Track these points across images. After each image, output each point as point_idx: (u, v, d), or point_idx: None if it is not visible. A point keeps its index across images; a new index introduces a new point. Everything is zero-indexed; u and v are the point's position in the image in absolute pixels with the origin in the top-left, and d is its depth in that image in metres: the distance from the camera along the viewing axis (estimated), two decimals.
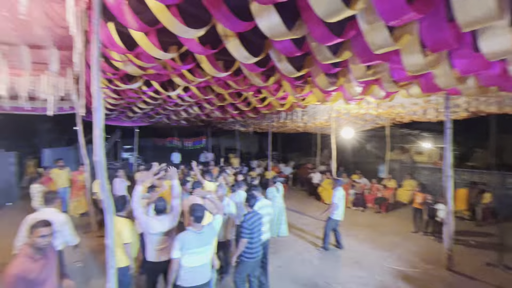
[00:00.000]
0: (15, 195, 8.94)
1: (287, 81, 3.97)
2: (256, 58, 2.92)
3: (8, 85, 4.81)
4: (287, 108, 6.44)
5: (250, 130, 14.14)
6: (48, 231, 1.92)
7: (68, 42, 3.50)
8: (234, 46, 2.64)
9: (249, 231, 3.22)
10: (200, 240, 2.55)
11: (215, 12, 2.17)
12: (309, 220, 7.41)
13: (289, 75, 3.27)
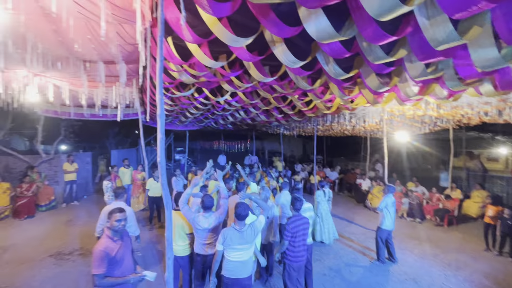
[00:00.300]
0: (90, 189, 10.44)
1: (334, 83, 3.85)
2: (302, 62, 2.93)
3: (87, 96, 5.68)
4: (334, 110, 6.22)
5: (294, 133, 14.00)
6: (122, 216, 2.28)
7: (135, 57, 3.99)
8: (281, 51, 2.69)
9: (291, 234, 3.21)
10: (242, 238, 2.69)
11: (263, 20, 2.25)
12: (357, 229, 6.99)
13: (337, 77, 3.18)
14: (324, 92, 5.05)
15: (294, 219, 3.31)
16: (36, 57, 3.38)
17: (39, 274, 4.26)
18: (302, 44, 3.00)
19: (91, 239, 5.79)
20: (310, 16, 2.10)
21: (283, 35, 2.39)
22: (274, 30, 2.29)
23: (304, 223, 3.36)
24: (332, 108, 5.95)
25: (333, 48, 2.56)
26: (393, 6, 1.57)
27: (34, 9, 2.37)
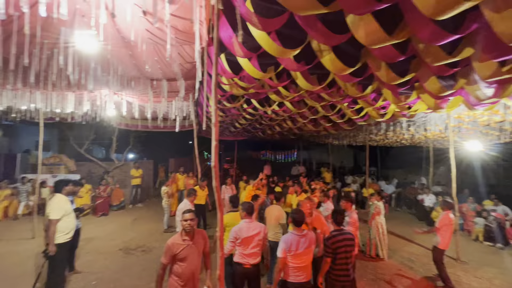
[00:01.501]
0: (151, 194, 11.63)
1: (388, 89, 3.64)
2: (352, 69, 2.87)
3: (152, 110, 6.47)
4: (388, 118, 5.80)
5: (344, 143, 13.38)
6: (190, 217, 2.53)
7: (192, 73, 4.43)
8: (329, 59, 2.70)
9: (332, 250, 2.93)
10: (303, 243, 2.72)
11: (310, 30, 2.31)
12: (418, 249, 6.24)
13: (391, 82, 3.01)
14: (376, 98, 4.78)
15: (335, 234, 3.03)
16: (116, 79, 4.05)
17: (112, 264, 4.90)
18: (351, 51, 2.95)
19: (152, 237, 6.43)
20: (359, 22, 2.08)
21: (331, 43, 2.41)
22: (321, 39, 2.33)
23: (347, 238, 3.02)
24: (386, 115, 5.57)
25: (385, 52, 2.46)
26: (452, 4, 1.47)
27: (117, 39, 2.88)
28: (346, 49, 2.93)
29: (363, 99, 4.54)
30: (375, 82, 3.68)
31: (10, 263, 4.83)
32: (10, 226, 7.16)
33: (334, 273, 2.98)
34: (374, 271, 4.92)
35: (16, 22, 2.57)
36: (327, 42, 2.38)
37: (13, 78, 3.77)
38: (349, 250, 2.99)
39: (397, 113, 5.46)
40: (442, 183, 11.27)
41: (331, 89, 4.15)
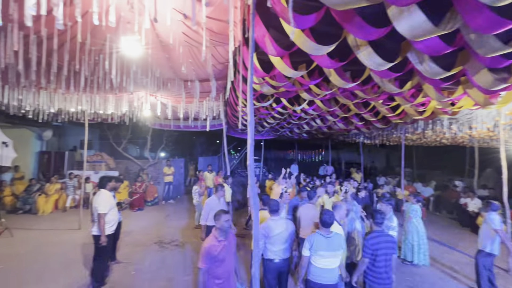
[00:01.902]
0: (182, 191, 12.10)
1: (430, 84, 3.40)
2: (390, 64, 2.73)
3: (184, 110, 6.72)
4: (428, 115, 5.42)
5: (376, 142, 12.77)
6: (227, 218, 2.57)
7: (223, 74, 4.53)
8: (366, 54, 2.59)
9: (371, 251, 2.87)
10: (328, 244, 2.66)
11: (347, 25, 2.24)
12: (462, 257, 5.76)
13: (434, 76, 2.81)
14: (415, 95, 4.49)
15: (376, 235, 2.96)
16: (153, 81, 4.27)
17: (148, 256, 5.19)
18: (390, 45, 2.81)
19: (184, 233, 6.69)
20: (402, 14, 1.96)
21: (370, 37, 2.30)
22: (359, 34, 2.24)
23: (388, 241, 2.94)
24: (425, 113, 5.21)
25: (429, 45, 2.30)
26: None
27: (156, 43, 3.03)
28: (384, 43, 2.79)
29: (401, 95, 4.29)
30: (415, 77, 3.47)
31: (61, 251, 5.33)
32: (59, 218, 7.91)
33: (373, 275, 2.90)
34: (411, 278, 4.64)
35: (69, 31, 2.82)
36: (366, 37, 2.29)
37: (65, 83, 4.14)
38: (389, 253, 2.90)
39: (437, 110, 5.09)
40: (488, 186, 10.28)
41: (365, 86, 3.99)
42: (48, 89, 5.26)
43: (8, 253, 5.16)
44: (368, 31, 2.17)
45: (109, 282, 4.09)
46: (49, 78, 4.04)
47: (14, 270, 4.47)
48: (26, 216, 7.95)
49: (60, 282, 4.11)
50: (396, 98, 4.60)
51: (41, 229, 6.74)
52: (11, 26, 2.63)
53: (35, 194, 8.34)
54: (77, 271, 4.50)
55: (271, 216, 3.22)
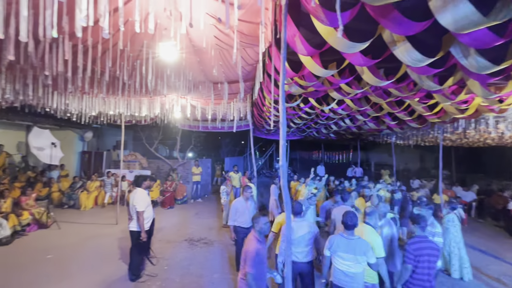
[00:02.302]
0: (209, 190, 12.42)
1: (475, 80, 3.14)
2: (430, 59, 2.56)
3: (212, 111, 6.89)
4: (470, 114, 5.01)
5: (410, 143, 12.06)
6: (267, 220, 2.64)
7: (251, 75, 4.57)
8: (403, 50, 2.46)
9: (414, 257, 2.75)
10: (348, 246, 2.61)
11: (384, 21, 2.15)
12: (511, 269, 5.23)
13: (481, 71, 2.59)
14: (456, 92, 4.17)
15: (418, 240, 2.83)
16: (184, 84, 4.44)
17: (179, 252, 5.39)
18: (430, 39, 2.64)
19: (212, 231, 6.86)
20: (446, 5, 1.84)
21: (409, 32, 2.19)
22: (398, 29, 2.13)
23: (431, 247, 2.80)
24: (468, 111, 4.82)
25: (476, 37, 2.12)
26: None
27: (189, 47, 3.15)
28: (424, 37, 2.63)
29: (440, 93, 4.01)
30: (457, 73, 3.22)
31: (101, 244, 5.74)
32: (99, 213, 8.52)
33: (414, 283, 2.76)
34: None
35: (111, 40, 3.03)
36: (405, 32, 2.17)
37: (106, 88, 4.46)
38: (432, 260, 2.75)
39: (482, 107, 4.69)
40: None
41: (400, 84, 3.79)
42: (91, 94, 5.70)
43: (57, 244, 5.68)
44: (408, 25, 2.06)
45: (144, 275, 4.32)
46: (92, 84, 4.38)
47: (62, 260, 4.91)
48: (70, 210, 8.68)
49: (101, 272, 4.43)
50: (435, 96, 4.32)
51: (83, 223, 7.32)
52: (63, 37, 2.89)
53: (78, 190, 9.08)
54: (115, 263, 4.82)
55: (294, 218, 3.22)
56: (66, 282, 4.12)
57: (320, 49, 2.84)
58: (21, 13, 1.98)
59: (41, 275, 4.27)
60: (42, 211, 6.72)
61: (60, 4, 2.13)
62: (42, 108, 6.47)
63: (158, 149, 13.93)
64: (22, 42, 2.84)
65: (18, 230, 6.02)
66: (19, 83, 4.60)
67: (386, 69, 3.71)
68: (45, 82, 4.25)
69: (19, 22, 1.98)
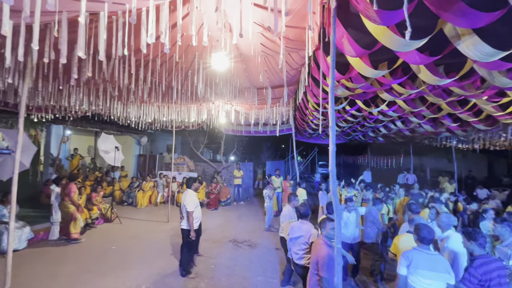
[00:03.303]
0: (251, 193, 12.64)
1: None
2: (504, 52, 2.26)
3: (255, 116, 7.04)
4: None
5: (476, 147, 10.64)
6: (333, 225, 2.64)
7: (295, 79, 4.57)
8: (470, 44, 2.22)
9: (478, 281, 2.29)
10: (432, 262, 2.29)
11: (446, 14, 1.97)
12: None
13: None
14: None
15: (484, 261, 2.36)
16: (231, 90, 4.64)
17: (224, 252, 5.60)
18: (503, 30, 2.34)
19: (255, 234, 6.96)
20: None
21: (477, 25, 1.97)
22: (464, 22, 1.94)
23: (499, 268, 2.35)
24: None
25: None
26: None
27: (237, 56, 3.30)
28: (495, 29, 2.33)
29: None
30: None
31: (155, 239, 6.28)
32: (153, 211, 9.32)
33: None
34: None
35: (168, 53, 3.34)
36: (472, 24, 1.96)
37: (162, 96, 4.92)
38: (503, 283, 2.30)
39: None
40: None
41: (464, 81, 3.40)
42: (148, 103, 6.32)
43: (119, 236, 6.37)
44: (476, 17, 1.86)
45: (193, 272, 4.59)
46: (150, 94, 4.86)
47: (124, 251, 5.49)
48: (129, 207, 9.66)
49: (156, 265, 4.84)
50: (509, 93, 3.76)
51: (140, 219, 8.08)
52: (129, 54, 3.28)
53: (135, 189, 10.08)
54: (168, 258, 5.21)
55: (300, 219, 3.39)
56: (129, 271, 4.59)
57: (370, 50, 2.72)
58: (100, 36, 2.31)
59: (108, 264, 4.84)
60: (107, 207, 7.62)
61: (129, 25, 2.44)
62: (108, 116, 7.39)
63: (203, 153, 14.71)
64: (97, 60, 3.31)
65: (89, 222, 6.93)
66: (92, 95, 5.34)
67: (447, 65, 3.37)
68: (112, 93, 4.85)
69: (99, 44, 2.32)
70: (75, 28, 2.47)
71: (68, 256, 5.16)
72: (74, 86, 4.86)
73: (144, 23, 2.27)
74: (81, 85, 4.76)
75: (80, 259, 5.04)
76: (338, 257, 2.02)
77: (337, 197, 2.07)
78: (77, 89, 5.01)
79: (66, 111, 6.62)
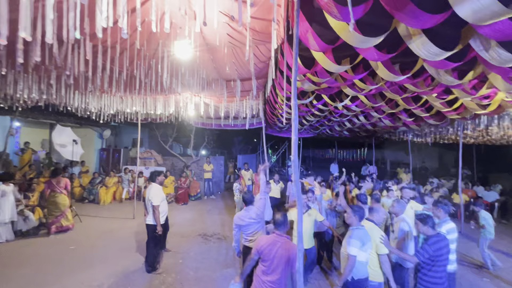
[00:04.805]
0: (222, 187, 12.58)
1: (497, 73, 3.01)
2: (448, 52, 2.49)
3: (225, 109, 6.97)
4: (493, 110, 4.80)
5: (428, 140, 11.67)
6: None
7: (264, 72, 4.59)
8: (420, 44, 2.41)
9: (429, 255, 2.70)
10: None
11: (399, 14, 2.11)
12: None
13: (504, 64, 2.48)
14: (477, 86, 4.02)
15: (436, 240, 2.75)
16: (198, 82, 4.53)
17: (193, 247, 5.53)
18: (448, 32, 2.57)
19: (225, 227, 6.97)
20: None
21: (425, 25, 2.13)
22: (413, 22, 2.09)
23: (447, 245, 2.79)
24: (490, 106, 4.62)
25: (498, 29, 2.04)
26: None
27: (202, 45, 3.22)
28: (441, 30, 2.56)
29: (460, 87, 3.88)
30: (478, 66, 3.11)
31: (120, 237, 5.99)
32: (117, 208, 8.85)
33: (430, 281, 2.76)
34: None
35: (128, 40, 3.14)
36: (421, 25, 2.12)
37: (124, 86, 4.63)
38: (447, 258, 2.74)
39: (506, 103, 4.49)
40: None
41: (417, 79, 3.69)
42: (109, 93, 5.92)
43: (79, 236, 5.97)
44: (424, 18, 2.02)
45: (160, 268, 4.47)
46: (111, 83, 4.55)
47: (84, 251, 5.16)
48: (91, 205, 9.07)
49: (120, 264, 4.63)
50: (454, 91, 4.17)
51: (103, 217, 7.63)
52: (84, 38, 3.03)
53: (97, 186, 9.47)
54: (133, 255, 5.01)
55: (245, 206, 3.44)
56: (89, 271, 4.34)
57: (333, 45, 2.82)
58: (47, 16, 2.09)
59: (66, 265, 4.52)
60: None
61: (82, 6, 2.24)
62: (64, 107, 6.79)
63: (173, 146, 14.24)
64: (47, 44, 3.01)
65: (43, 222, 6.38)
66: (44, 83, 4.85)
67: (402, 64, 3.63)
68: (67, 81, 4.46)
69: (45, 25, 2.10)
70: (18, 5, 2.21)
71: (22, 259, 4.72)
72: (21, 71, 4.37)
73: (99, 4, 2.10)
74: (30, 71, 4.30)
75: (35, 261, 4.64)
76: (299, 243, 2.10)
77: (299, 187, 2.14)
78: (25, 75, 4.52)
79: (13, 100, 5.95)
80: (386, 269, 2.82)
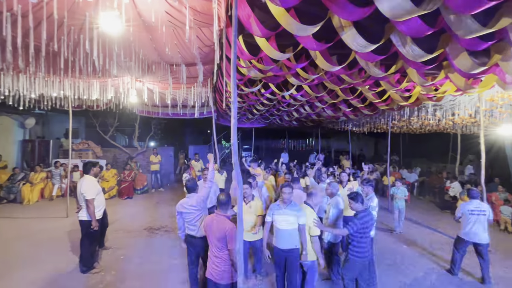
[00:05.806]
0: (172, 179, 12.06)
1: (413, 68, 3.46)
2: (374, 45, 2.75)
3: (172, 96, 6.60)
4: (413, 102, 5.54)
5: (364, 130, 12.99)
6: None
7: (210, 57, 4.45)
8: (350, 36, 2.60)
9: (357, 228, 3.07)
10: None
11: (331, 5, 2.23)
12: (441, 237, 6.06)
13: (417, 59, 2.86)
14: (400, 80, 4.57)
15: (363, 215, 3.15)
16: (137, 64, 4.16)
17: (137, 242, 5.21)
18: (374, 26, 2.83)
19: (173, 219, 6.69)
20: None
21: (353, 17, 2.31)
22: (343, 14, 2.24)
23: (372, 219, 3.27)
24: (410, 98, 5.32)
25: (411, 26, 2.33)
26: None
27: (137, 21, 2.94)
28: (369, 25, 2.81)
29: (386, 80, 4.35)
30: (399, 61, 3.51)
31: (49, 238, 5.29)
32: (46, 207, 7.79)
33: (359, 251, 3.14)
34: (393, 256, 4.87)
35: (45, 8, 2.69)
36: (349, 17, 2.29)
37: (45, 66, 3.99)
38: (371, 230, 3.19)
39: (422, 96, 5.20)
40: (467, 172, 10.71)
41: (351, 70, 4.02)
42: (28, 73, 5.05)
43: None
44: (351, 10, 2.17)
45: (98, 267, 4.11)
46: (27, 61, 3.88)
47: (2, 255, 4.43)
48: (11, 205, 7.79)
49: (49, 266, 4.10)
50: (382, 83, 4.67)
51: (27, 218, 6.64)
52: None
53: (19, 183, 8.15)
54: (66, 256, 4.50)
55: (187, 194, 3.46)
56: (8, 276, 3.74)
57: (274, 31, 2.86)
58: None
59: None
60: None
61: None
62: None
63: (115, 137, 13.04)
64: None
65: None
66: None
67: (340, 55, 3.89)
68: None
69: None
70: None
71: None
72: None
73: None
74: None
75: None
76: (239, 225, 2.14)
77: (239, 169, 2.16)
78: None
79: None
80: (317, 249, 3.07)
